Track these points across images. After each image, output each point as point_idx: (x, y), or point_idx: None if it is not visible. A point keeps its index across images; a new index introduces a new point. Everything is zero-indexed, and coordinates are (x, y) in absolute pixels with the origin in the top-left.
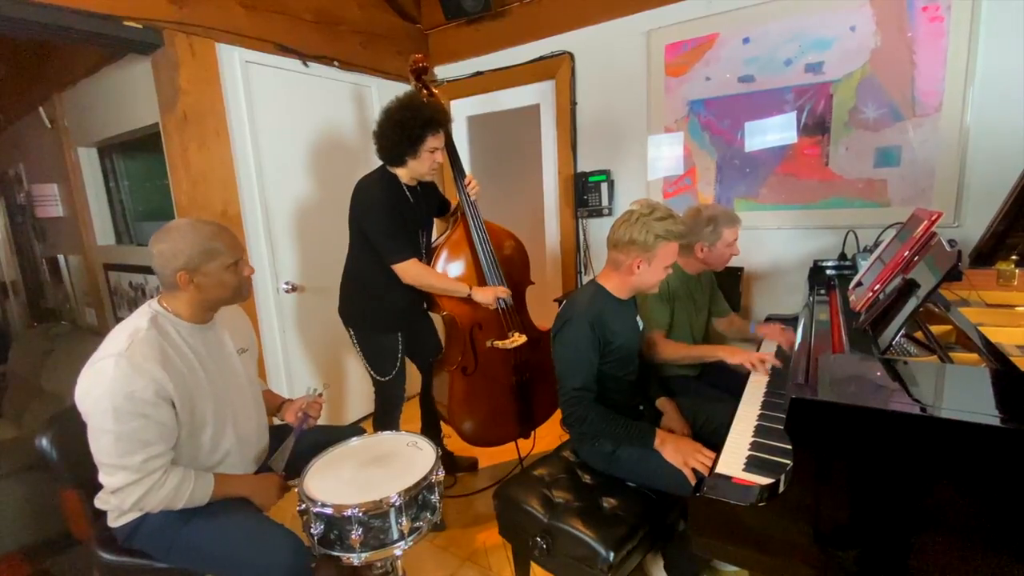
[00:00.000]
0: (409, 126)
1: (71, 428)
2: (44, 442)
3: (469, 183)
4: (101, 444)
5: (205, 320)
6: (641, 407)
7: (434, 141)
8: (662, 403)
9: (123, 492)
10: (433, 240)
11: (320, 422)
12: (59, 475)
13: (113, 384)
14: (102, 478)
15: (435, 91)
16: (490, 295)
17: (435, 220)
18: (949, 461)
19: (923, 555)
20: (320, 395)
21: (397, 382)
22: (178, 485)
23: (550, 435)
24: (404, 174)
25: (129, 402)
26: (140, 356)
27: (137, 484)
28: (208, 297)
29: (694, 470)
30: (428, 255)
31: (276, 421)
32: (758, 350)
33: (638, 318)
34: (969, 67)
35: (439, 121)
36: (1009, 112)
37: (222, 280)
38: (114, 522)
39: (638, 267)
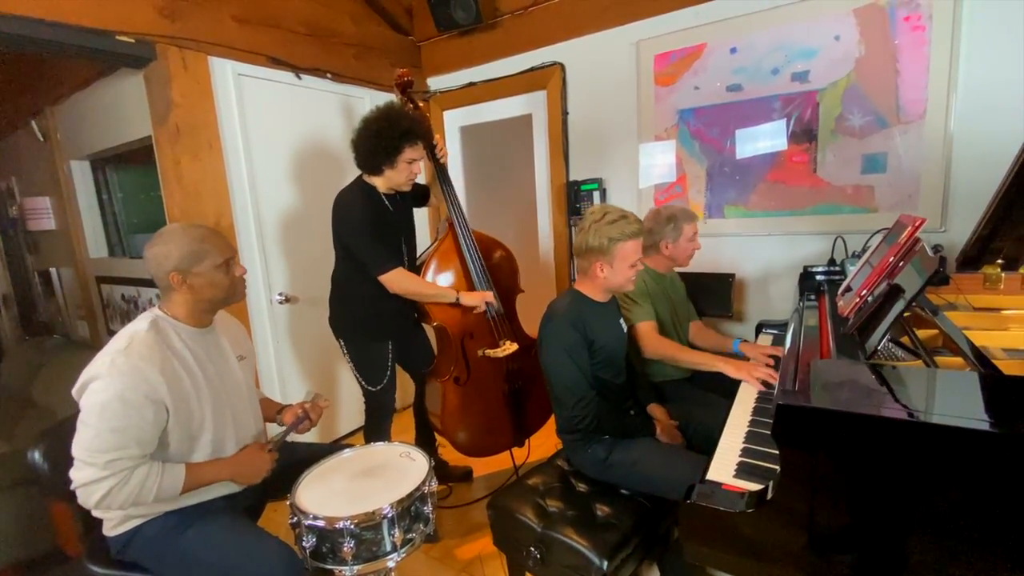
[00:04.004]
0: (386, 136)
1: (62, 442)
2: (35, 456)
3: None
4: (80, 436)
5: (205, 323)
6: (632, 411)
7: (412, 152)
8: (653, 409)
9: (87, 488)
10: (420, 250)
11: (310, 438)
12: (50, 489)
13: (107, 381)
14: (72, 471)
15: (421, 104)
16: (478, 298)
17: (420, 229)
18: (933, 466)
19: (914, 560)
20: (324, 400)
21: (387, 392)
22: (143, 480)
23: (546, 443)
24: (382, 183)
25: (117, 401)
26: (136, 356)
27: (101, 482)
28: (203, 297)
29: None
30: (412, 262)
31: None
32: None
33: (621, 321)
34: (952, 75)
35: (416, 132)
36: (991, 118)
37: (213, 280)
38: (110, 531)
39: (600, 271)
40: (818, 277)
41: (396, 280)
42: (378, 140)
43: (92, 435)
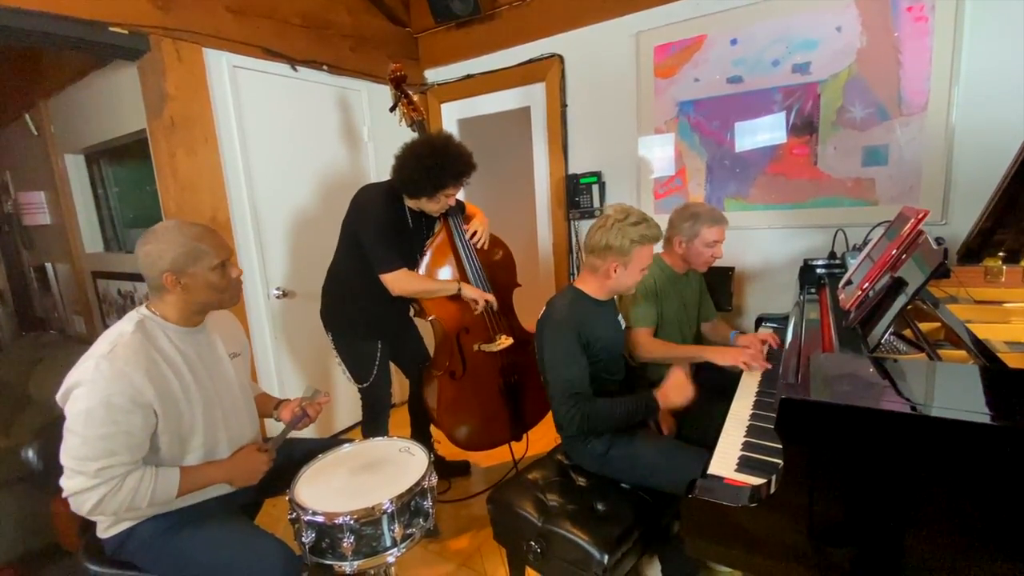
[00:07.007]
0: (436, 174)
1: (56, 440)
2: (29, 454)
3: (474, 234)
4: (67, 444)
5: (195, 323)
6: None
7: (454, 189)
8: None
9: (79, 497)
10: None
11: (309, 433)
12: (47, 486)
13: (91, 387)
14: (62, 480)
15: (416, 97)
16: (478, 292)
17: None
18: (936, 459)
19: (916, 553)
20: (324, 396)
21: (380, 388)
22: (136, 486)
23: (546, 437)
24: (412, 203)
25: (103, 408)
26: (121, 360)
27: (93, 490)
28: (196, 299)
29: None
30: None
31: (272, 422)
32: None
33: (619, 318)
34: (954, 66)
35: (466, 173)
36: (994, 110)
37: (209, 281)
38: (103, 533)
39: (615, 271)
40: (819, 270)
41: (399, 280)
42: (427, 176)
43: (79, 443)
